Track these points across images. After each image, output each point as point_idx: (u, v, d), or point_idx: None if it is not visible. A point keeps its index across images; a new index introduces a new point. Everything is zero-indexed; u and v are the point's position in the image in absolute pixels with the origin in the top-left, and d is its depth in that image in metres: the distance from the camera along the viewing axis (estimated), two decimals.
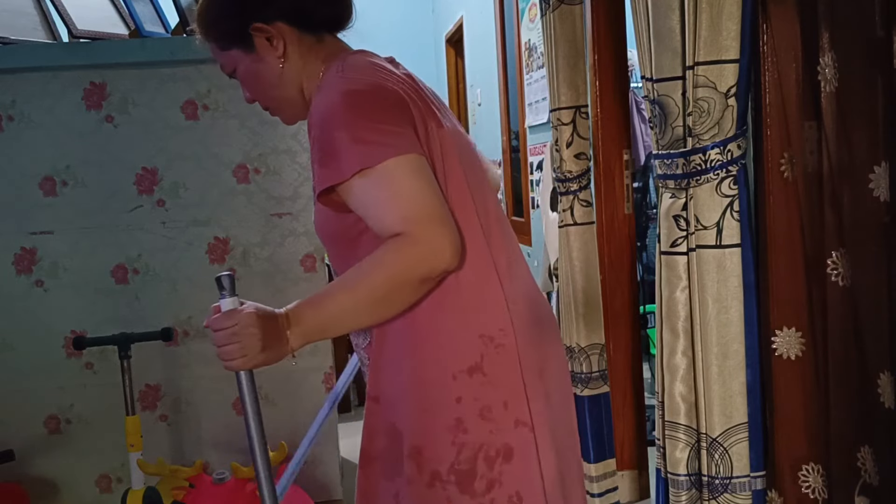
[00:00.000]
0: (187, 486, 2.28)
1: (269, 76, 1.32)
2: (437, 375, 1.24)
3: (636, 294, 2.90)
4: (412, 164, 1.15)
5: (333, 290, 1.18)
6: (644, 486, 2.91)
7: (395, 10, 6.00)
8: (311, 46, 1.33)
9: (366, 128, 1.16)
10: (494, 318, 1.26)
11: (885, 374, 1.39)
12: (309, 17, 1.32)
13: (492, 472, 1.23)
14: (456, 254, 1.14)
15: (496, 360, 1.25)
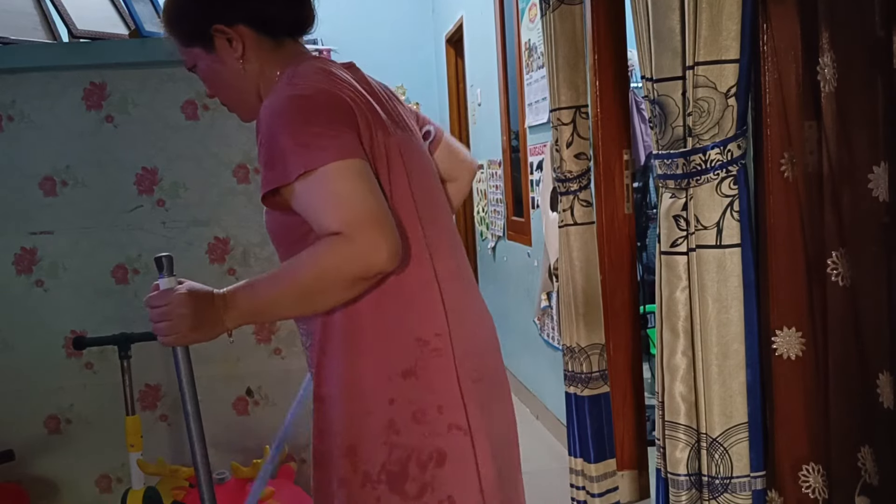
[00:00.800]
0: (187, 486, 2.29)
1: (227, 75, 1.38)
2: (372, 376, 1.27)
3: (636, 294, 2.90)
4: (353, 168, 1.19)
5: (269, 279, 1.23)
6: (644, 486, 2.91)
7: (395, 10, 6.00)
8: (271, 50, 1.38)
9: (309, 132, 1.20)
10: (431, 323, 1.29)
11: (884, 374, 1.39)
12: (269, 22, 1.37)
13: (424, 476, 1.26)
14: (392, 256, 1.17)
15: (431, 364, 1.28)
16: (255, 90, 1.38)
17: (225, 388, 2.65)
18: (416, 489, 1.26)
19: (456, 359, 1.30)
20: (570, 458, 2.68)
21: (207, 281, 2.66)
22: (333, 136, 1.21)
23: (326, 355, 1.31)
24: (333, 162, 1.18)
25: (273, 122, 1.23)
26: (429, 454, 1.26)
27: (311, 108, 1.23)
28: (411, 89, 5.99)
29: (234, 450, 2.62)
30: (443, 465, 1.27)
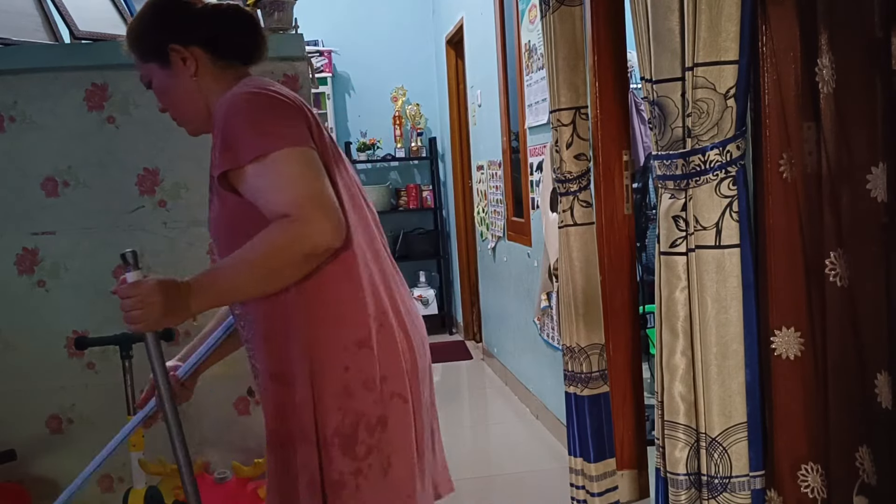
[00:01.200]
0: None
1: (179, 91, 1.50)
2: (330, 346, 1.39)
3: (636, 294, 2.91)
4: (304, 156, 1.32)
5: (228, 263, 1.35)
6: (644, 486, 2.91)
7: (396, 12, 6.01)
8: (222, 71, 1.50)
9: (263, 121, 1.34)
10: (379, 300, 1.44)
11: (882, 374, 1.40)
12: (222, 47, 1.50)
13: (371, 439, 1.40)
14: (338, 234, 1.31)
15: (380, 337, 1.41)
16: (204, 106, 1.49)
17: (226, 388, 2.65)
18: (364, 451, 1.39)
19: (398, 335, 1.44)
20: (570, 458, 2.69)
21: None
22: (286, 126, 1.34)
23: (280, 335, 1.41)
24: (286, 148, 1.31)
25: (229, 113, 1.35)
26: (376, 419, 1.40)
27: (265, 102, 1.36)
28: (411, 90, 6.00)
29: (235, 449, 2.62)
30: (385, 430, 1.41)
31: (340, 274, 1.39)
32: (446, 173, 6.02)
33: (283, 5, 2.74)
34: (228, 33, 1.50)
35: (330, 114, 5.83)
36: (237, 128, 1.33)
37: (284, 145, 1.31)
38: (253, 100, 1.36)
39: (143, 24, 1.51)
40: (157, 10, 1.50)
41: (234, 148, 1.32)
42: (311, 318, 1.39)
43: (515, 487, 3.12)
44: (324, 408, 1.39)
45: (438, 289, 6.18)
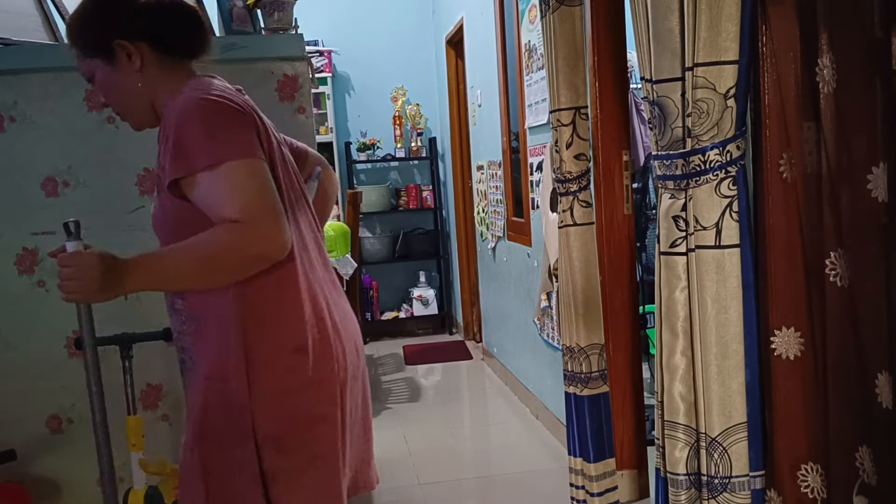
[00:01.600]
0: None
1: (123, 86, 1.51)
2: (268, 349, 1.44)
3: (636, 294, 2.91)
4: (255, 167, 1.36)
5: (171, 252, 1.39)
6: (644, 486, 2.91)
7: (396, 12, 6.01)
8: (167, 67, 1.51)
9: (217, 129, 1.36)
10: (318, 307, 1.49)
11: (882, 374, 1.40)
12: (167, 43, 1.51)
13: (303, 439, 1.47)
14: (284, 244, 1.36)
15: (317, 343, 1.47)
16: (149, 102, 1.52)
17: None
18: (296, 450, 1.46)
19: (335, 340, 1.50)
20: (570, 458, 2.69)
21: None
22: (237, 135, 1.37)
23: (220, 335, 1.45)
24: (236, 159, 1.34)
25: (181, 119, 1.36)
26: (309, 420, 1.47)
27: (217, 110, 1.38)
28: (411, 90, 6.00)
29: None
30: (317, 431, 1.48)
31: (281, 281, 1.44)
32: (446, 173, 6.03)
33: (283, 5, 2.74)
34: (173, 29, 1.51)
35: (330, 114, 5.84)
36: (190, 135, 1.35)
37: (237, 155, 1.34)
38: (207, 106, 1.38)
39: (86, 20, 1.51)
40: (101, 5, 1.50)
41: (187, 155, 1.34)
42: (251, 321, 1.43)
43: (515, 487, 3.12)
44: (260, 407, 1.43)
45: (438, 289, 6.18)
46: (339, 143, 5.93)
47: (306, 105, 2.64)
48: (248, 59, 2.58)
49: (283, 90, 2.62)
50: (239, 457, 1.44)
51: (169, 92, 1.47)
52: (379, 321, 6.03)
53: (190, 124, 1.36)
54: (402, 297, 6.20)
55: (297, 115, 2.64)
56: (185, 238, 1.37)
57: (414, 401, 4.42)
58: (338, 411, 1.50)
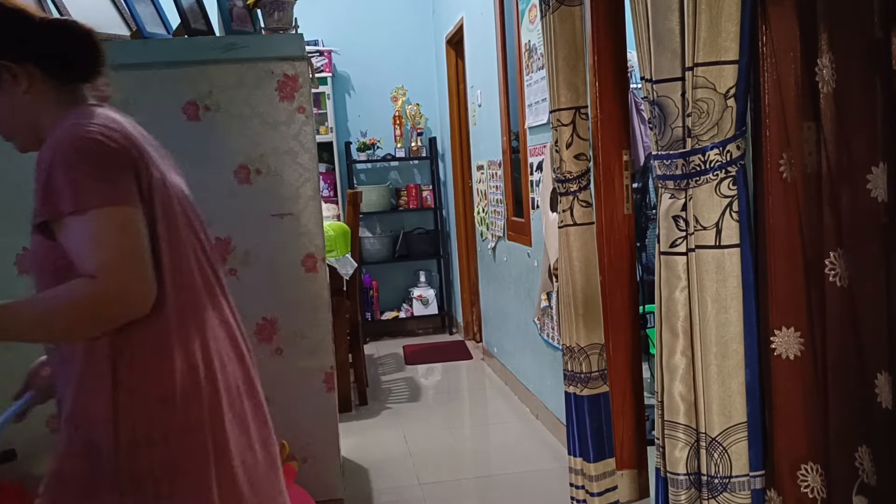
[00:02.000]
0: None
1: (7, 108, 1.43)
2: (133, 398, 1.38)
3: (636, 294, 2.91)
4: (123, 216, 1.31)
5: (25, 304, 1.34)
6: (643, 486, 2.91)
7: (396, 12, 6.01)
8: (56, 90, 1.43)
9: (86, 173, 1.29)
10: (191, 356, 1.42)
11: (882, 374, 1.40)
12: (57, 66, 1.43)
13: (162, 488, 1.39)
14: (143, 302, 1.32)
15: (186, 391, 1.40)
16: (34, 125, 1.44)
17: None
18: (155, 498, 1.38)
19: (206, 386, 1.43)
20: (570, 458, 2.69)
21: None
22: (109, 182, 1.31)
23: (87, 380, 1.39)
24: (103, 207, 1.29)
25: (55, 158, 1.30)
26: (174, 470, 1.39)
27: (92, 152, 1.31)
28: (411, 90, 6.00)
29: None
30: (181, 480, 1.40)
31: (151, 333, 1.39)
32: (446, 173, 6.03)
33: (283, 5, 2.74)
34: (64, 50, 1.43)
35: (330, 114, 5.84)
36: (60, 177, 1.29)
37: (105, 203, 1.29)
38: (81, 147, 1.31)
39: None
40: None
41: (54, 198, 1.29)
42: (117, 370, 1.38)
43: (515, 487, 3.12)
44: (124, 455, 1.38)
45: (438, 289, 6.18)
46: (339, 143, 5.93)
47: (306, 105, 2.64)
48: (248, 59, 2.58)
49: (283, 90, 2.62)
50: (103, 501, 1.38)
51: (52, 117, 1.41)
52: (379, 321, 6.03)
53: (61, 164, 1.29)
54: (402, 296, 6.20)
55: (297, 115, 2.64)
56: (56, 281, 1.32)
57: (414, 401, 4.43)
58: (209, 456, 1.43)
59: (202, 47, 2.56)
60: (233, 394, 1.50)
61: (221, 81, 2.58)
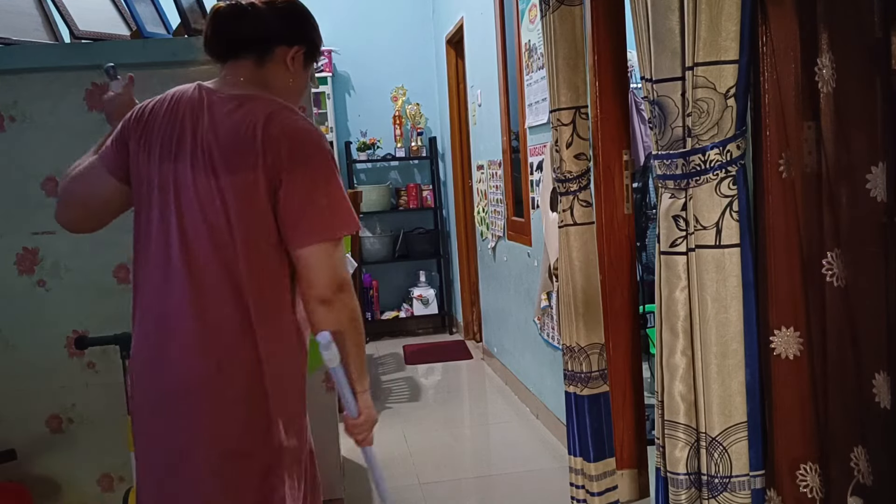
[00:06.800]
0: None
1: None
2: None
3: (636, 294, 2.91)
4: (88, 160, 1.67)
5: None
6: (644, 485, 2.92)
7: (396, 11, 6.01)
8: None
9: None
10: (135, 327, 1.62)
11: (881, 374, 1.40)
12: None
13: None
14: (63, 224, 1.77)
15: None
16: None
17: None
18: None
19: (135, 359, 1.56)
20: (570, 457, 2.69)
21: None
22: (110, 142, 1.63)
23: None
24: (95, 156, 1.65)
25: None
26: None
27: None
28: (411, 90, 6.00)
29: None
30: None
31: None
32: (446, 173, 6.03)
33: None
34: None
35: (330, 113, 5.84)
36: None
37: (93, 152, 1.68)
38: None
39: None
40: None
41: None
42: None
43: (515, 487, 3.12)
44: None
45: (438, 288, 6.18)
46: (340, 143, 5.93)
47: (306, 105, 2.64)
48: None
49: None
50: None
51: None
52: (379, 321, 6.03)
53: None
54: (402, 296, 6.20)
55: None
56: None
57: (414, 400, 4.43)
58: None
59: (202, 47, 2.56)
60: (135, 369, 1.62)
61: None
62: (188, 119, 1.51)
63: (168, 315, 1.49)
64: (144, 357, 1.53)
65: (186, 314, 1.47)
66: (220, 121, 1.49)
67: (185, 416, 1.48)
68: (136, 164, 1.56)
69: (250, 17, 1.56)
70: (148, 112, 1.58)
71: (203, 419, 1.47)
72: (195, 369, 1.47)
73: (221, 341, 1.47)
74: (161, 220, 1.50)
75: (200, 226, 1.47)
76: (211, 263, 1.47)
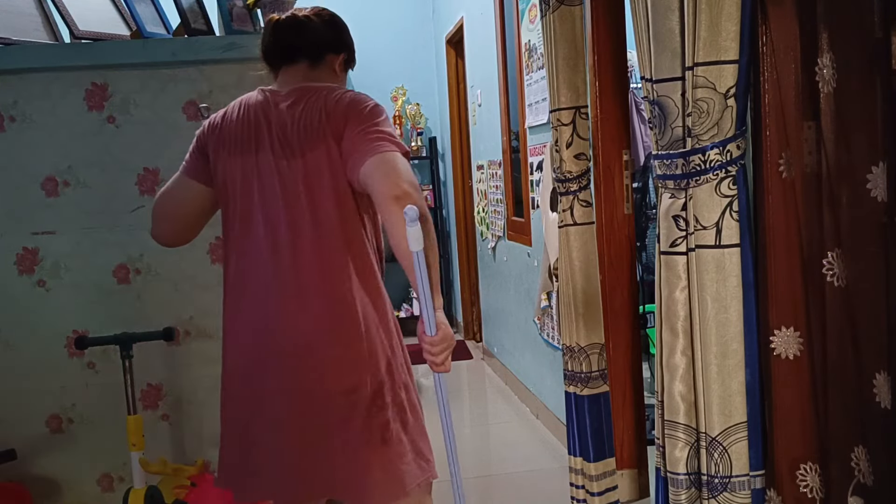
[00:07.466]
0: (189, 484, 2.29)
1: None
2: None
3: (636, 294, 2.91)
4: (175, 179, 1.87)
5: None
6: (644, 485, 2.92)
7: (396, 11, 6.01)
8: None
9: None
10: (225, 302, 1.87)
11: (881, 374, 1.40)
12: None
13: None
14: (155, 238, 1.94)
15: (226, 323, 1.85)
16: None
17: None
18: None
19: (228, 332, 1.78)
20: (570, 457, 2.69)
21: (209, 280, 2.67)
22: (189, 155, 1.87)
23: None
24: (179, 172, 1.87)
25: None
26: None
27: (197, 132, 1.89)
28: (411, 90, 6.00)
29: None
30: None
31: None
32: (446, 173, 6.02)
33: (283, 5, 2.74)
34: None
35: None
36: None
37: (180, 170, 1.88)
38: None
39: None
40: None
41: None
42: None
43: (515, 487, 3.12)
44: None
45: None
46: None
47: None
48: (249, 59, 2.58)
49: None
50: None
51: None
52: None
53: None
54: (402, 296, 6.20)
55: None
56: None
57: None
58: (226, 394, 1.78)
59: (202, 47, 2.56)
60: (229, 346, 1.82)
61: (221, 81, 2.58)
62: (260, 117, 1.74)
63: (282, 279, 1.69)
64: (261, 318, 1.71)
65: (303, 274, 1.69)
66: (287, 111, 1.72)
67: (306, 365, 1.68)
68: (218, 165, 1.78)
69: (308, 28, 1.82)
70: (220, 120, 1.81)
71: (321, 366, 1.68)
72: (319, 321, 1.68)
73: (335, 295, 1.68)
74: (261, 204, 1.71)
75: (285, 202, 1.70)
76: (308, 231, 1.68)
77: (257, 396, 1.71)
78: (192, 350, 2.63)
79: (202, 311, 2.61)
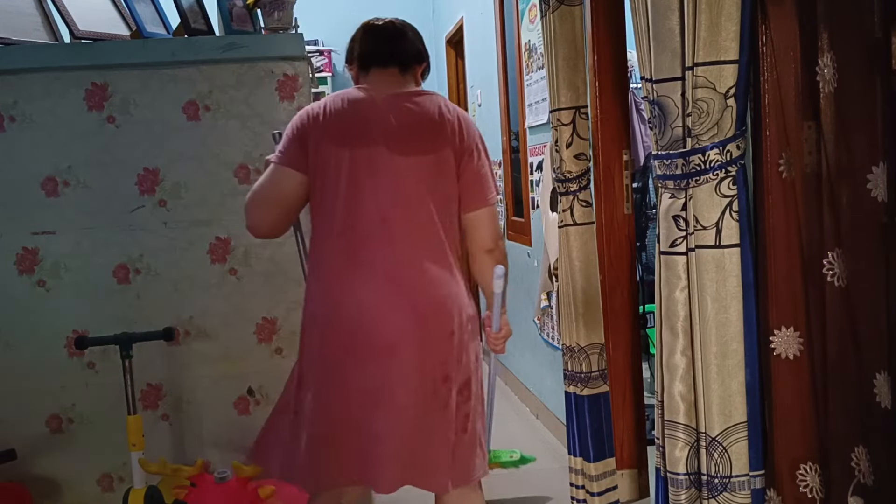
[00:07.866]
0: (189, 485, 2.29)
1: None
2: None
3: (636, 294, 2.91)
4: (275, 170, 1.91)
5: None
6: (643, 485, 2.91)
7: (396, 11, 5.98)
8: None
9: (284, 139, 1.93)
10: (325, 284, 1.97)
11: (881, 374, 1.40)
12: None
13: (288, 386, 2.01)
14: (252, 230, 1.95)
15: (308, 314, 1.97)
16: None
17: (226, 388, 2.66)
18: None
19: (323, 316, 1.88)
20: (570, 457, 2.69)
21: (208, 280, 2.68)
22: (285, 146, 1.91)
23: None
24: (274, 163, 1.91)
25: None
26: (291, 377, 2.00)
27: (291, 123, 1.94)
28: None
29: (235, 449, 2.63)
30: (290, 384, 1.99)
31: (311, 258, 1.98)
32: None
33: (283, 5, 2.74)
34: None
35: None
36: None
37: (275, 161, 1.91)
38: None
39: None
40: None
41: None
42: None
43: (515, 487, 3.12)
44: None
45: None
46: None
47: (306, 104, 2.64)
48: (248, 59, 2.59)
49: (283, 90, 2.62)
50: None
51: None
52: None
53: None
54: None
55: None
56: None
57: None
58: (305, 382, 1.88)
59: (202, 47, 2.57)
60: (345, 337, 1.91)
61: (221, 81, 2.58)
62: (368, 112, 1.88)
63: (393, 272, 1.84)
64: (360, 307, 1.83)
65: (410, 268, 1.85)
66: (401, 113, 1.88)
67: (412, 355, 1.82)
68: (321, 153, 1.87)
69: (408, 38, 2.09)
70: (322, 111, 1.90)
71: (425, 355, 1.83)
72: (424, 310, 1.83)
73: (440, 291, 1.85)
74: (373, 197, 1.84)
75: (403, 195, 1.85)
76: (417, 225, 1.85)
77: (370, 384, 1.81)
78: (192, 350, 2.63)
79: (202, 311, 2.61)
